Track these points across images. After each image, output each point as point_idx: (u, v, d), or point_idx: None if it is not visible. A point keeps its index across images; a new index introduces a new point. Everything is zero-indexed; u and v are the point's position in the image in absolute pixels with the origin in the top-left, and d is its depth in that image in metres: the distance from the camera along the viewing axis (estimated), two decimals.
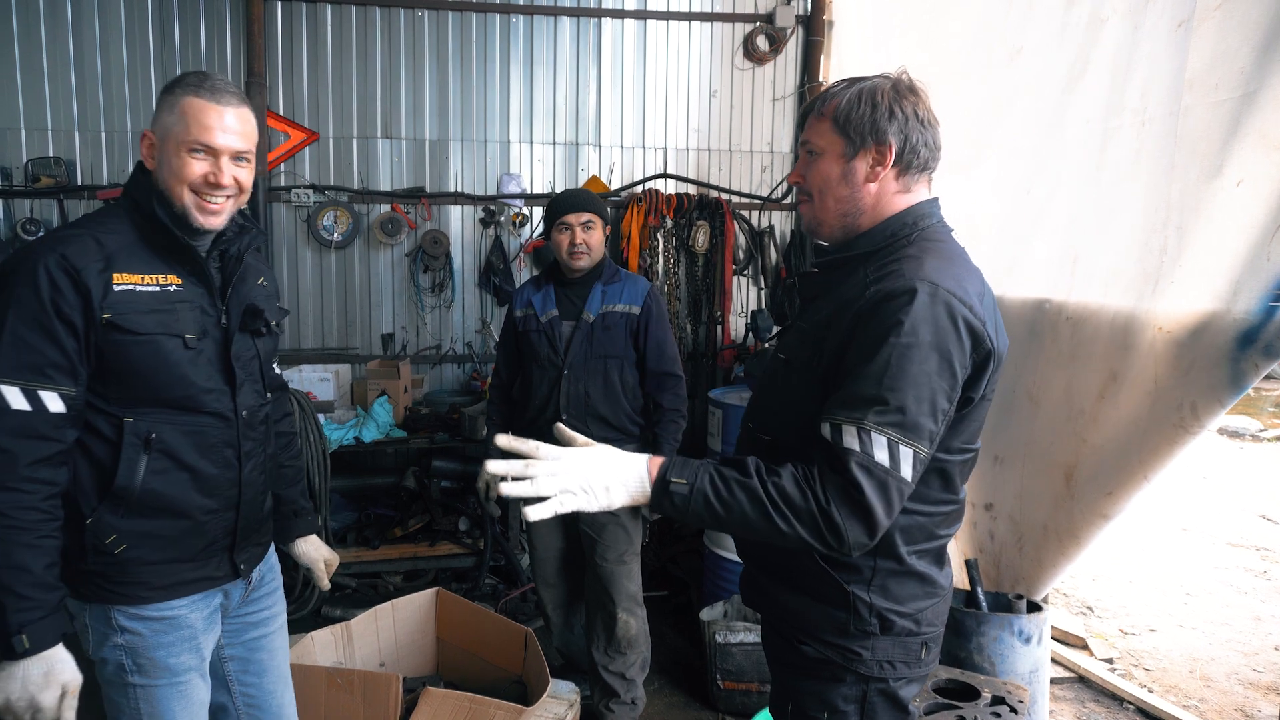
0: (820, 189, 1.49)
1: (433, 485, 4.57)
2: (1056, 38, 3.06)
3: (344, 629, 2.82)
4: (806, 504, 1.28)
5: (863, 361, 1.32)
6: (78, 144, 4.55)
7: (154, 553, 1.67)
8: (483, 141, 4.93)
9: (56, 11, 4.44)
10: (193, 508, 1.70)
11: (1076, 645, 4.01)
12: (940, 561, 1.54)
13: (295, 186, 4.70)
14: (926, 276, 1.32)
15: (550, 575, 3.25)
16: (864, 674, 1.47)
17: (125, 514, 1.63)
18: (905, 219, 1.46)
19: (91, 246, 1.58)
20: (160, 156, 1.64)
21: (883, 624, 1.45)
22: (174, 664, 1.71)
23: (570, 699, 2.80)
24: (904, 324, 1.29)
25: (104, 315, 1.56)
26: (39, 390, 1.52)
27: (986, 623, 2.97)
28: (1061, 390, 2.90)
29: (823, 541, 1.29)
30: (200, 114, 1.61)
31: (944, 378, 1.31)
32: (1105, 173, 2.75)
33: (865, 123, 1.42)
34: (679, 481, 1.32)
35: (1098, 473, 2.72)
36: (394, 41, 4.76)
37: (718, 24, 5.05)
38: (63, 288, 1.53)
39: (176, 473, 1.67)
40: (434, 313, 4.98)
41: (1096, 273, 2.77)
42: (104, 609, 1.66)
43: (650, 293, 3.05)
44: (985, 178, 3.44)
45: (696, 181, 5.08)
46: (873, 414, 1.28)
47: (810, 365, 1.44)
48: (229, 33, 4.60)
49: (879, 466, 1.28)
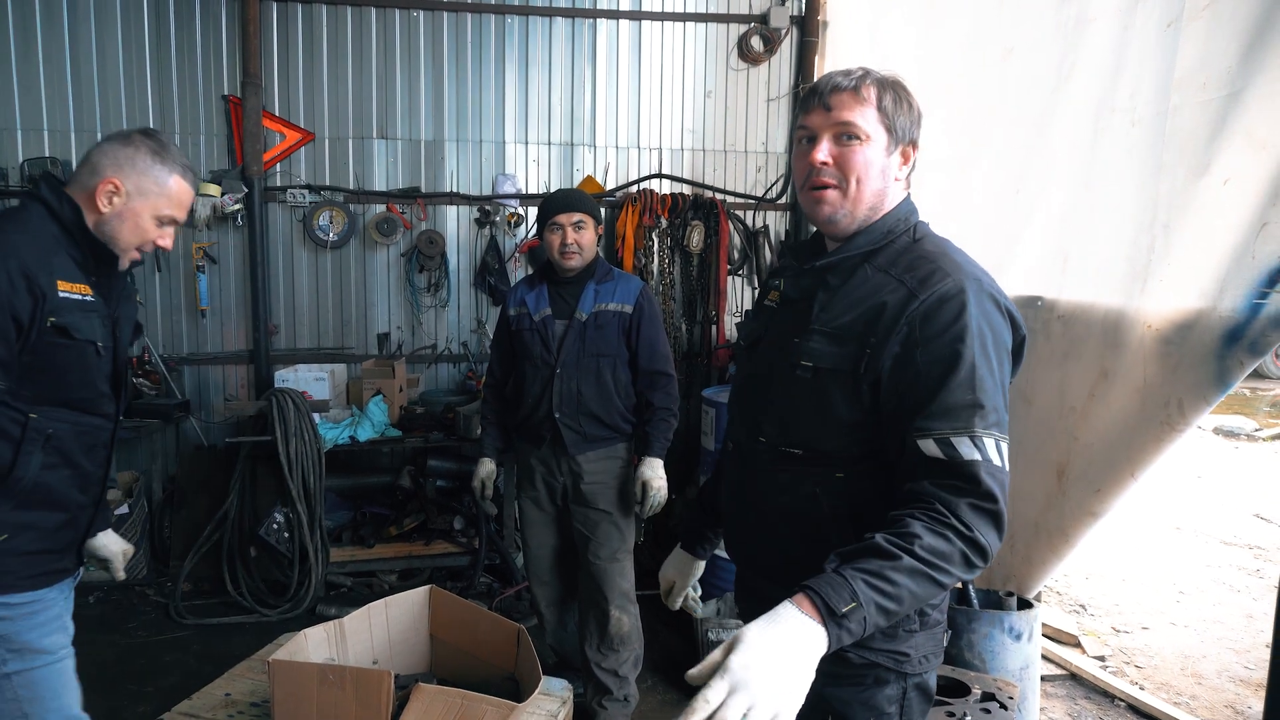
0: (859, 177, 1.41)
1: (428, 484, 4.58)
2: (1047, 38, 3.08)
3: (336, 626, 2.81)
4: (953, 546, 1.22)
5: (947, 370, 1.29)
6: (74, 144, 4.56)
7: (31, 543, 1.76)
8: (478, 142, 4.94)
9: (53, 12, 4.45)
10: (71, 503, 1.82)
11: (1069, 643, 4.02)
12: None
13: (291, 187, 4.71)
14: (968, 273, 1.34)
15: (544, 573, 3.26)
16: (909, 673, 1.45)
17: (14, 506, 1.71)
18: (898, 214, 1.46)
19: (40, 254, 1.67)
20: (123, 209, 1.76)
21: (921, 619, 1.45)
22: (47, 644, 1.79)
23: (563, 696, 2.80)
24: (970, 325, 1.30)
25: (50, 319, 1.66)
26: None
27: (977, 620, 2.98)
28: (1054, 388, 2.91)
29: (971, 569, 1.26)
30: (183, 197, 1.82)
31: (1005, 367, 1.34)
32: (1095, 171, 2.77)
33: (908, 121, 1.43)
34: (850, 609, 1.13)
35: (1087, 470, 2.74)
36: (389, 42, 4.78)
37: (712, 25, 5.07)
38: (20, 290, 1.61)
39: (64, 469, 1.78)
40: (429, 312, 4.99)
41: (1087, 271, 2.79)
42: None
43: (643, 292, 3.06)
44: (977, 177, 3.46)
45: (691, 182, 5.10)
46: (978, 420, 1.27)
47: (843, 372, 1.38)
48: (225, 33, 4.62)
49: (999, 470, 1.28)
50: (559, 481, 3.09)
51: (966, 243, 3.07)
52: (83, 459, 1.82)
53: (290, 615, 4.07)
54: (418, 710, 2.42)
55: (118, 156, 1.75)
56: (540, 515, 3.18)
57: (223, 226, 4.65)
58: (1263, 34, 2.13)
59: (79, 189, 1.76)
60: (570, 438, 3.00)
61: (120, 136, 1.78)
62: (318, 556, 4.15)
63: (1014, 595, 3.10)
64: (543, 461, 3.10)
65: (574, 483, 3.05)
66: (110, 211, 1.75)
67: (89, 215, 1.76)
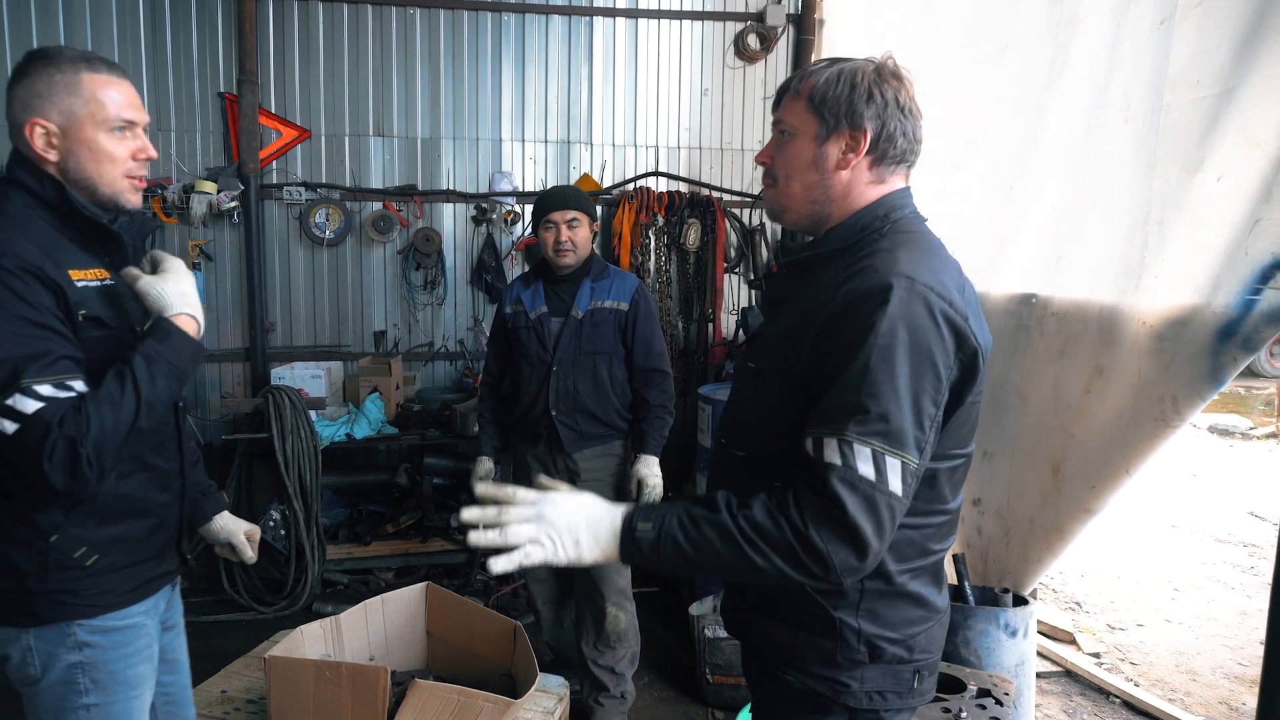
0: (787, 173, 1.38)
1: (425, 482, 4.58)
2: (1039, 36, 3.09)
3: (333, 623, 2.82)
4: (780, 532, 1.17)
5: (840, 368, 1.22)
6: None
7: (124, 557, 1.63)
8: (475, 139, 4.94)
9: (48, 10, 4.44)
10: (156, 505, 1.69)
11: (1064, 640, 4.03)
12: (937, 580, 1.41)
13: (287, 184, 4.71)
14: (902, 271, 1.22)
15: (540, 570, 3.26)
16: (852, 706, 1.35)
17: (99, 523, 1.58)
18: (876, 211, 1.35)
19: (38, 246, 1.47)
20: (68, 144, 1.52)
21: (872, 652, 1.34)
22: (131, 676, 1.66)
23: (559, 693, 2.81)
24: (880, 324, 1.19)
25: (80, 312, 1.50)
26: (68, 381, 1.44)
27: (973, 616, 2.99)
28: (1049, 385, 2.92)
29: (805, 571, 1.18)
30: (113, 88, 1.54)
31: (928, 380, 1.20)
32: (1089, 169, 2.78)
33: (842, 104, 1.31)
34: (645, 526, 1.23)
35: (1083, 467, 2.75)
36: (386, 39, 4.77)
37: (709, 23, 5.07)
38: (33, 286, 1.43)
39: (138, 473, 1.64)
40: (426, 310, 4.99)
41: (1081, 268, 2.80)
42: (60, 627, 1.56)
43: (639, 289, 3.06)
44: (972, 175, 3.46)
45: (688, 179, 5.10)
46: (853, 424, 1.18)
47: (782, 374, 1.33)
48: (221, 30, 4.61)
49: (864, 481, 1.17)
50: (555, 479, 3.09)
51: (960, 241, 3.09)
52: (154, 457, 1.68)
53: (287, 613, 4.07)
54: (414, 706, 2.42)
55: (22, 99, 1.50)
56: None
57: (219, 224, 4.64)
58: (1256, 31, 2.14)
59: (32, 158, 1.53)
60: (567, 435, 3.00)
61: (12, 78, 1.53)
62: (314, 554, 4.15)
63: (1010, 592, 3.11)
64: (539, 459, 3.11)
65: (570, 480, 3.04)
66: (60, 155, 1.52)
67: (56, 175, 1.53)
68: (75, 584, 1.56)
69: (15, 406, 1.38)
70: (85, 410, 1.41)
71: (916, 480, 1.22)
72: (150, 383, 1.46)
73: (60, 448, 1.38)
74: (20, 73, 1.53)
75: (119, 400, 1.43)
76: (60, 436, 1.38)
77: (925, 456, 1.23)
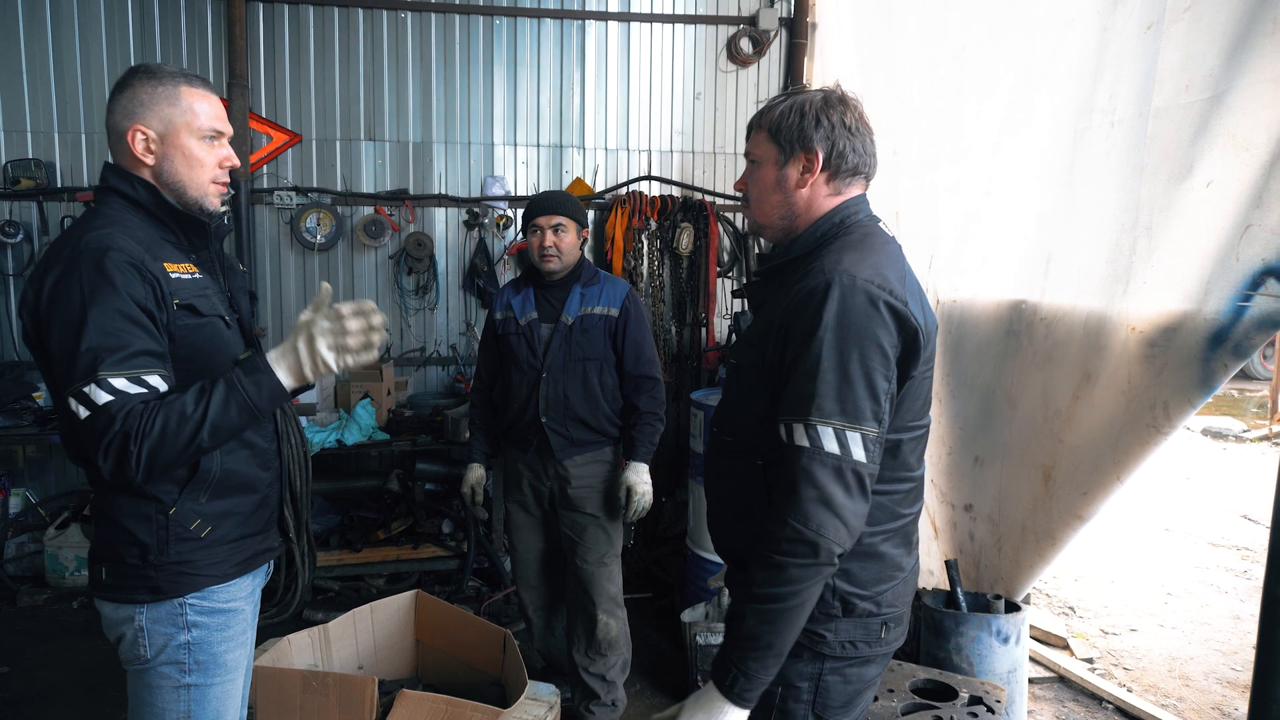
0: (758, 195, 1.60)
1: (416, 488, 4.56)
2: (1006, 34, 3.10)
3: (321, 632, 2.80)
4: (783, 566, 1.36)
5: (798, 358, 1.40)
6: (57, 146, 4.53)
7: (234, 529, 1.74)
8: (466, 144, 4.92)
9: (35, 13, 4.42)
10: (260, 481, 1.79)
11: (1057, 645, 4.02)
12: (906, 542, 1.59)
13: (278, 189, 4.69)
14: (844, 269, 1.40)
15: (531, 577, 3.24)
16: (825, 654, 1.52)
17: (209, 498, 1.68)
18: (833, 219, 1.55)
19: (131, 241, 1.57)
20: (165, 149, 1.66)
21: (845, 606, 1.50)
22: (230, 660, 1.76)
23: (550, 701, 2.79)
24: (825, 317, 1.37)
25: (175, 301, 1.60)
26: (143, 375, 1.51)
27: (965, 623, 2.98)
28: (1038, 391, 2.91)
29: (812, 553, 1.35)
30: (206, 101, 1.69)
31: (875, 359, 1.38)
32: (1076, 174, 2.76)
33: (794, 131, 1.52)
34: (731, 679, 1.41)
35: (1074, 473, 2.74)
36: (377, 43, 4.75)
37: (701, 26, 5.07)
38: (134, 281, 1.53)
39: (240, 450, 1.74)
40: (418, 315, 4.97)
41: (1068, 273, 2.79)
42: (174, 605, 1.67)
43: (629, 295, 3.05)
44: (941, 177, 3.47)
45: (680, 184, 5.09)
46: (814, 408, 1.37)
47: (757, 367, 1.52)
48: (210, 34, 4.59)
49: (830, 456, 1.36)
50: (546, 486, 3.08)
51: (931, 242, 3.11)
52: (255, 436, 1.77)
53: (276, 620, 4.04)
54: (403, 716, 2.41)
55: (126, 107, 1.64)
56: (527, 519, 3.17)
57: None
58: (1245, 36, 2.13)
59: (124, 161, 1.67)
60: (557, 442, 2.98)
61: (115, 89, 1.66)
62: (304, 561, 4.12)
63: (1002, 598, 3.10)
64: (529, 466, 3.09)
65: (561, 487, 3.03)
66: (157, 160, 1.66)
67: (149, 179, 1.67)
68: (191, 555, 1.67)
69: (90, 395, 1.46)
70: (151, 413, 1.48)
71: (879, 447, 1.41)
72: (223, 409, 1.52)
73: (116, 444, 1.46)
74: (123, 84, 1.65)
75: (187, 415, 1.50)
76: (119, 433, 1.46)
77: (884, 426, 1.41)
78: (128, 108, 1.64)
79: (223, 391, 1.53)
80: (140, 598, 1.65)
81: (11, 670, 3.55)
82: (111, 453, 1.47)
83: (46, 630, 3.95)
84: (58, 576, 4.33)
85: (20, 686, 3.43)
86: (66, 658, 3.66)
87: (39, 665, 3.60)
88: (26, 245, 4.52)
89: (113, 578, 1.65)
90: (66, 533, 4.34)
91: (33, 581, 4.37)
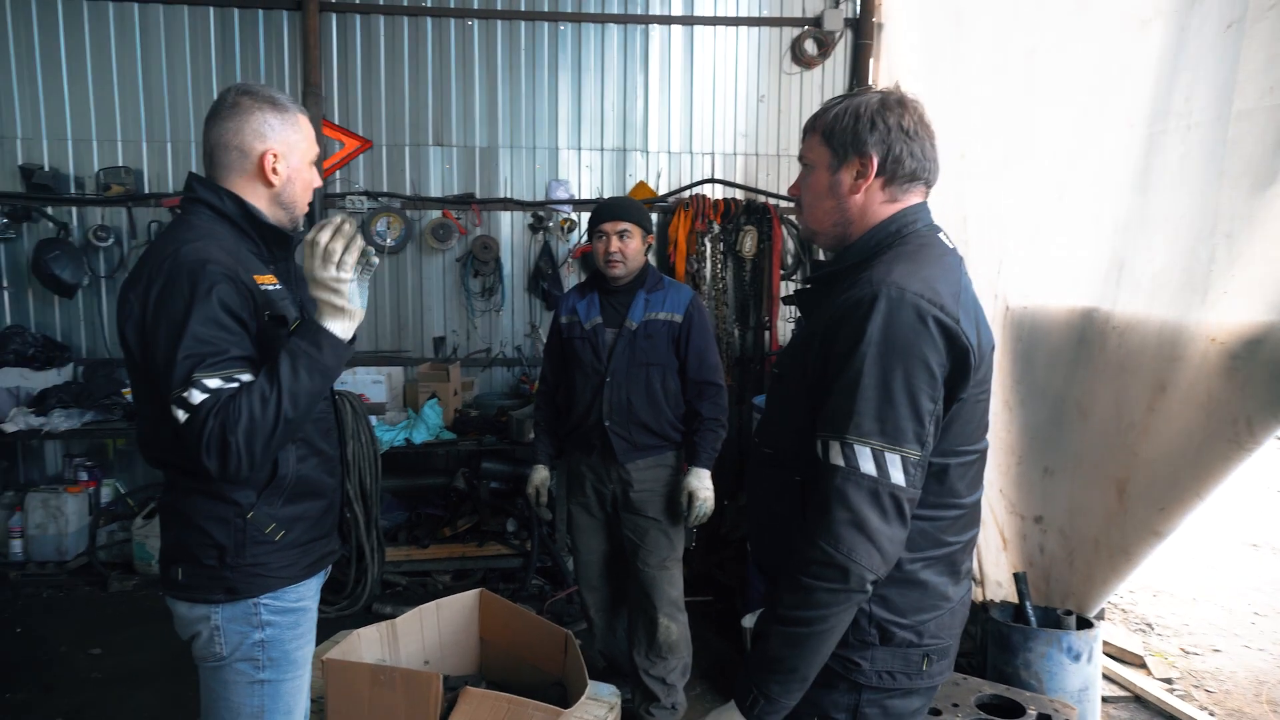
0: (810, 201, 1.54)
1: (482, 487, 4.64)
2: (1080, 37, 3.00)
3: (389, 627, 2.87)
4: (812, 589, 1.31)
5: (838, 373, 1.34)
6: (144, 154, 4.74)
7: (304, 534, 1.81)
8: (531, 148, 4.99)
9: (125, 28, 4.64)
10: (327, 488, 1.87)
11: (1134, 664, 3.89)
12: (953, 571, 1.49)
13: (349, 193, 4.83)
14: (893, 281, 1.33)
15: (593, 578, 3.28)
16: (860, 683, 1.44)
17: (284, 502, 1.75)
18: (889, 227, 1.47)
19: (225, 255, 1.63)
20: (289, 171, 1.75)
21: (882, 634, 1.43)
22: (299, 657, 1.82)
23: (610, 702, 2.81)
24: (869, 331, 1.30)
25: (265, 312, 1.66)
26: (236, 375, 1.57)
27: (1034, 638, 2.91)
28: (1111, 401, 2.82)
29: (841, 578, 1.30)
30: (311, 129, 1.81)
31: (921, 378, 1.31)
32: (1151, 178, 2.66)
33: (848, 134, 1.45)
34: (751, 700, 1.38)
35: (1150, 487, 2.64)
36: (444, 50, 4.86)
37: (765, 28, 5.04)
38: (230, 292, 1.59)
39: (313, 458, 1.81)
40: (484, 317, 5.06)
41: (1142, 281, 2.69)
42: (249, 604, 1.72)
43: (692, 301, 3.05)
44: (1013, 180, 3.37)
45: (744, 186, 5.07)
46: (852, 427, 1.30)
47: (798, 379, 1.46)
48: (286, 45, 4.75)
49: (866, 477, 1.29)
50: (609, 489, 3.10)
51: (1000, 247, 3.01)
52: (323, 444, 1.85)
53: (347, 612, 4.16)
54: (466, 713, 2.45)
55: (256, 129, 1.70)
56: (590, 521, 3.20)
57: None
58: None
59: (236, 176, 1.73)
60: (620, 446, 3.01)
61: (233, 108, 1.70)
62: (374, 556, 4.24)
63: (1073, 614, 3.02)
64: (593, 468, 3.12)
65: (623, 490, 3.06)
66: (282, 180, 1.74)
67: (259, 197, 1.74)
68: (266, 558, 1.73)
69: (188, 398, 1.52)
70: (237, 401, 1.54)
71: (921, 471, 1.33)
72: (293, 375, 1.58)
73: (214, 436, 1.52)
74: (242, 108, 1.71)
75: (266, 394, 1.56)
76: (215, 426, 1.51)
77: (927, 449, 1.33)
78: (259, 130, 1.70)
79: (287, 360, 1.58)
80: (216, 598, 1.70)
81: (104, 652, 3.74)
82: (214, 449, 1.52)
83: (135, 615, 4.15)
84: (145, 564, 4.53)
85: (112, 667, 3.61)
86: (153, 642, 3.84)
87: (128, 648, 3.78)
88: (116, 249, 4.75)
89: (189, 578, 1.71)
90: (153, 522, 4.54)
91: (122, 568, 4.58)
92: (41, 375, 4.60)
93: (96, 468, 4.79)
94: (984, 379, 1.43)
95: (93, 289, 4.78)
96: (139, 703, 3.34)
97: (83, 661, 3.66)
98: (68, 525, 4.54)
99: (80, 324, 4.82)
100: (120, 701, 3.34)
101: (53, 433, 4.37)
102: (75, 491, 4.58)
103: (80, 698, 3.37)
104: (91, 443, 4.83)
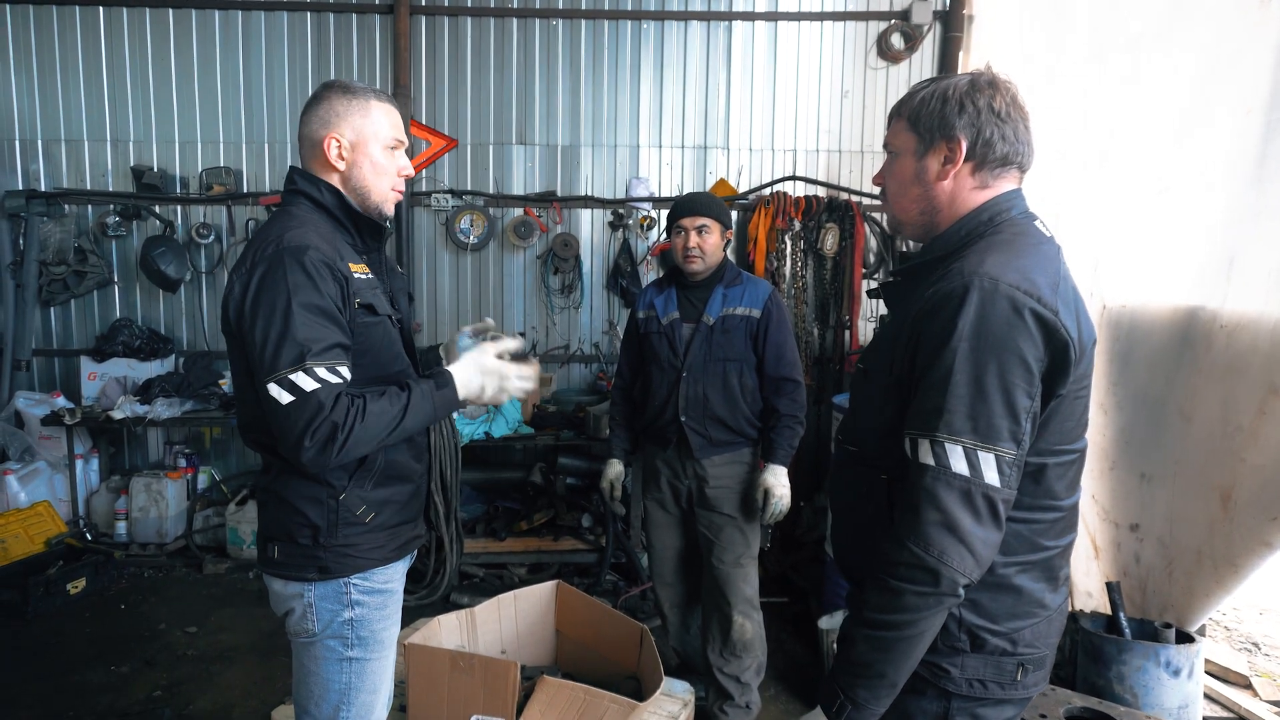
0: (896, 189, 1.47)
1: (558, 481, 4.69)
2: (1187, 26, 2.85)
3: (468, 615, 2.93)
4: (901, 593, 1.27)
5: (928, 368, 1.29)
6: (244, 155, 4.95)
7: (394, 516, 1.86)
8: (613, 145, 5.02)
9: (229, 34, 4.85)
10: (415, 473, 1.91)
11: (1238, 684, 3.68)
12: (1050, 578, 1.42)
13: (435, 191, 4.94)
14: (985, 272, 1.27)
15: (668, 574, 3.27)
16: (950, 691, 1.39)
17: (373, 486, 1.80)
18: (980, 216, 1.39)
19: (324, 243, 1.69)
20: (355, 156, 1.78)
21: (973, 641, 1.38)
22: (386, 638, 1.88)
23: (685, 699, 2.81)
24: (960, 324, 1.25)
25: (356, 300, 1.72)
26: (338, 367, 1.62)
27: (1129, 651, 2.78)
28: (1216, 404, 2.67)
29: (932, 581, 1.25)
30: (390, 115, 1.82)
31: (1016, 373, 1.25)
32: (1266, 171, 2.51)
33: (934, 118, 1.39)
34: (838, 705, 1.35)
35: (1260, 495, 2.50)
36: (529, 50, 4.93)
37: (850, 23, 4.95)
38: (327, 280, 1.65)
39: (403, 442, 1.84)
40: (563, 313, 5.11)
41: (1256, 277, 2.54)
42: (340, 584, 1.79)
43: (771, 296, 3.02)
44: (1117, 172, 3.22)
45: (826, 183, 5.00)
46: (943, 424, 1.26)
47: (885, 374, 1.41)
48: (378, 48, 4.90)
49: (958, 477, 1.25)
50: (684, 485, 3.10)
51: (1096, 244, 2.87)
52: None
53: (426, 601, 4.26)
54: (542, 701, 2.48)
55: (323, 117, 1.76)
56: (665, 517, 3.20)
57: None
58: None
59: (311, 164, 1.80)
60: (696, 441, 3.00)
61: (312, 101, 1.79)
62: (453, 546, 4.33)
63: (1172, 627, 2.87)
64: (668, 464, 3.12)
65: (699, 486, 3.05)
66: (347, 165, 1.78)
67: (338, 184, 1.79)
68: (357, 538, 1.79)
69: (296, 382, 1.57)
70: (358, 405, 1.61)
71: (1017, 471, 1.27)
72: (416, 414, 1.69)
73: (325, 429, 1.57)
74: (318, 97, 1.78)
75: (388, 413, 1.64)
76: (328, 419, 1.57)
77: (1023, 447, 1.27)
78: (324, 117, 1.76)
79: (419, 399, 1.68)
80: (309, 575, 1.77)
81: (199, 630, 3.92)
82: (318, 437, 1.56)
83: (227, 596, 4.34)
84: (237, 548, 4.73)
85: (205, 645, 3.78)
86: (244, 623, 4.00)
87: (221, 628, 3.95)
88: (216, 245, 4.97)
89: (284, 556, 1.78)
90: (245, 509, 4.74)
91: (216, 552, 4.79)
92: (146, 366, 4.86)
93: (194, 455, 5.03)
94: (1085, 374, 1.35)
95: (194, 284, 5.02)
96: (230, 680, 3.48)
97: (180, 639, 3.85)
98: (168, 509, 4.77)
99: (182, 317, 5.06)
100: (213, 678, 3.50)
101: (155, 420, 4.60)
102: (175, 477, 4.82)
103: (178, 672, 3.54)
104: (190, 430, 5.07)
